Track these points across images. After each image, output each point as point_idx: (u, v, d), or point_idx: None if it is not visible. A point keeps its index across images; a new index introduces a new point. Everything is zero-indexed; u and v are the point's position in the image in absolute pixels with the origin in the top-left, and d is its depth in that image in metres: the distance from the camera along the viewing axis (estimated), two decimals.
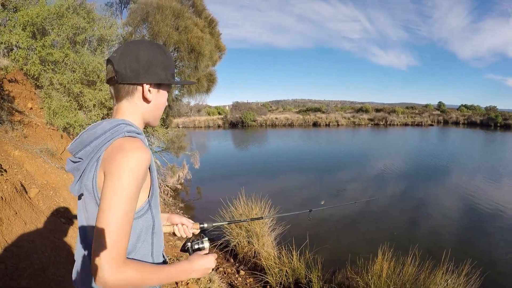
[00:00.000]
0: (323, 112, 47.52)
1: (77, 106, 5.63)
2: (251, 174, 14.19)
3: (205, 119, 36.53)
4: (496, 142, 29.98)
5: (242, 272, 5.69)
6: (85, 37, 6.34)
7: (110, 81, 1.17)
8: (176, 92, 8.76)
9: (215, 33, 9.53)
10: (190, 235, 1.61)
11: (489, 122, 43.40)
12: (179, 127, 14.43)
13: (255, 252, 5.92)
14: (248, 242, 6.04)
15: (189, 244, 1.41)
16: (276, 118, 40.51)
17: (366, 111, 49.60)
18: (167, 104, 1.40)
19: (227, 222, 2.24)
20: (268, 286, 5.22)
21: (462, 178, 14.28)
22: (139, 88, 1.17)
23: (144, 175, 1.07)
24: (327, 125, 42.06)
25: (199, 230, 1.68)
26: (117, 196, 0.99)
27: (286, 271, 5.21)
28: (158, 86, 1.23)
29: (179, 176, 11.13)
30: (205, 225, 1.72)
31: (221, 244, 6.24)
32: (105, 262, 0.95)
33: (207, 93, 9.54)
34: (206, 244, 1.41)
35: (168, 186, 9.85)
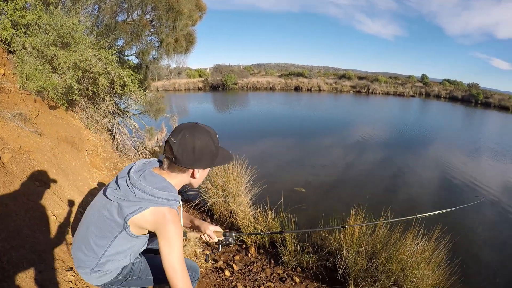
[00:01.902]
0: (306, 77, 47.18)
1: (51, 69, 5.41)
2: (230, 136, 14.08)
3: (186, 82, 35.77)
4: (476, 118, 30.91)
5: None
6: None
7: (168, 158, 1.54)
8: (154, 53, 8.45)
9: None
10: (215, 240, 2.13)
11: (470, 98, 44.37)
12: (158, 90, 14.08)
13: (231, 211, 5.97)
14: (225, 201, 6.06)
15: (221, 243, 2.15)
16: (257, 82, 40.10)
17: (349, 78, 49.61)
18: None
19: (247, 234, 3.03)
20: (244, 245, 5.30)
21: (440, 151, 14.65)
22: (190, 170, 1.57)
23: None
24: (309, 90, 42.08)
25: (222, 238, 2.15)
26: (172, 251, 1.44)
27: (261, 230, 5.27)
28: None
29: (157, 139, 10.96)
30: (227, 235, 2.17)
31: (198, 204, 6.24)
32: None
33: (186, 53, 9.22)
34: (231, 243, 2.14)
35: (146, 149, 9.71)
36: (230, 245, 2.13)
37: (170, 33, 7.72)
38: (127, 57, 8.28)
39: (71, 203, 3.97)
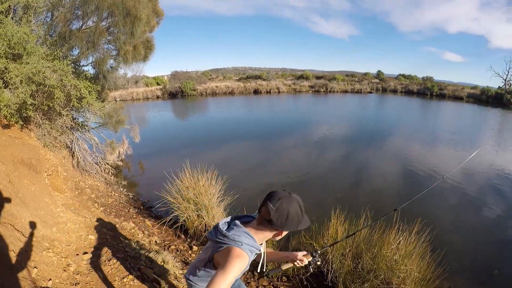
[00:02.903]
0: (264, 80, 47.16)
1: (2, 84, 4.94)
2: (194, 145, 13.86)
3: (143, 91, 34.50)
4: (432, 109, 32.63)
5: (195, 248, 5.52)
6: (9, 6, 5.51)
7: (263, 218, 1.83)
8: (111, 62, 8.00)
9: None
10: (306, 263, 2.30)
11: (425, 91, 47.04)
12: (116, 101, 13.52)
13: (205, 225, 5.75)
14: (198, 215, 5.81)
15: (310, 265, 2.31)
16: (216, 87, 39.54)
17: (307, 78, 50.40)
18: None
19: (329, 245, 2.82)
20: None
21: (400, 143, 15.28)
22: (278, 230, 1.86)
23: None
24: (268, 92, 42.17)
25: (311, 258, 2.30)
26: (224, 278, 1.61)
27: None
28: None
29: (119, 152, 10.49)
30: (314, 254, 2.32)
31: (170, 220, 5.95)
32: None
33: (145, 61, 8.83)
34: (319, 260, 2.31)
35: (108, 164, 9.21)
36: (318, 263, 2.31)
37: (128, 40, 7.33)
38: (83, 67, 7.80)
39: (34, 237, 3.52)
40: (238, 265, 1.68)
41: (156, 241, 5.44)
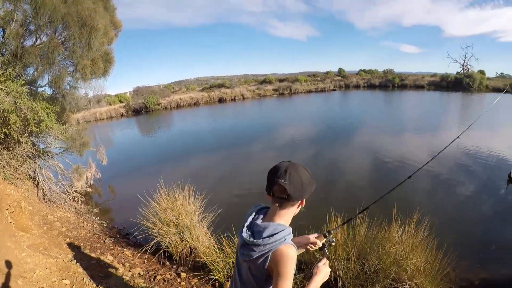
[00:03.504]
0: (228, 87, 46.89)
1: None
2: (164, 161, 13.37)
3: (107, 110, 32.99)
4: (395, 100, 34.08)
5: (183, 275, 4.93)
6: None
7: (280, 198, 1.66)
8: (69, 79, 7.30)
9: (109, 7, 8.13)
10: (320, 246, 2.19)
11: (387, 83, 48.89)
12: (79, 122, 12.70)
13: (191, 248, 5.24)
14: (181, 238, 5.29)
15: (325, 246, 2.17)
16: (180, 99, 38.74)
17: (270, 82, 50.56)
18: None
19: (342, 224, 2.86)
20: (217, 283, 4.61)
21: (369, 136, 15.58)
22: (299, 201, 1.74)
23: None
24: (233, 99, 41.95)
25: (324, 240, 2.18)
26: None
27: (233, 261, 4.55)
28: None
29: (87, 177, 9.74)
30: (327, 235, 2.19)
31: (152, 247, 5.31)
32: None
33: (105, 76, 8.14)
34: (333, 241, 2.18)
35: (77, 192, 8.48)
36: (333, 243, 2.18)
37: (85, 54, 6.70)
38: (39, 88, 7.10)
39: None
40: (291, 263, 1.60)
41: (139, 273, 4.84)
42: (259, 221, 1.75)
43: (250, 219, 1.81)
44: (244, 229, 1.75)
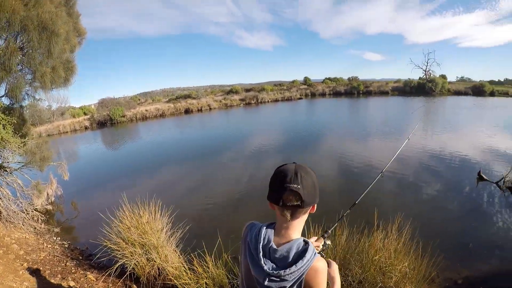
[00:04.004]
0: (194, 98, 46.73)
1: None
2: (129, 175, 12.80)
3: (70, 122, 31.62)
4: (361, 106, 35.07)
5: None
6: None
7: (293, 206, 1.44)
8: (28, 88, 6.72)
9: (73, 13, 7.63)
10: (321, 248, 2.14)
11: (352, 90, 50.40)
12: (41, 136, 11.93)
13: (159, 269, 4.80)
14: (147, 259, 4.83)
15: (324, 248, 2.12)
16: (146, 110, 37.90)
17: (237, 92, 50.94)
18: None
19: (338, 220, 2.73)
20: None
21: (334, 142, 15.87)
22: (311, 206, 1.50)
23: None
24: (200, 110, 41.64)
25: (323, 241, 2.17)
26: None
27: (206, 282, 4.25)
28: None
29: (48, 194, 9.08)
30: (325, 236, 2.23)
31: (116, 270, 4.81)
32: None
33: (66, 85, 7.55)
34: (328, 242, 2.17)
35: (37, 210, 7.84)
36: (328, 242, 2.15)
37: (45, 60, 6.19)
38: None
39: None
40: (325, 276, 1.49)
41: None
42: (273, 244, 1.48)
43: (260, 246, 1.50)
44: (261, 260, 1.45)
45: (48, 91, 7.14)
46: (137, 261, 4.76)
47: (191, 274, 4.37)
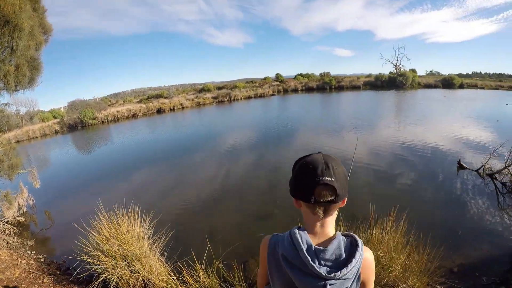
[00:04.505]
0: (166, 97, 45.91)
1: None
2: (104, 179, 12.25)
3: (40, 127, 30.09)
4: (333, 101, 35.51)
5: None
6: None
7: (324, 204, 1.28)
8: None
9: (38, 8, 7.01)
10: None
11: (324, 85, 51.05)
12: (11, 142, 11.20)
13: (144, 281, 4.43)
14: (131, 271, 4.44)
15: None
16: (117, 112, 36.75)
17: (209, 90, 50.28)
18: None
19: None
20: None
21: (308, 136, 16.02)
22: (343, 200, 1.33)
23: None
24: (172, 109, 41.04)
25: None
26: None
27: None
28: None
29: (19, 204, 8.49)
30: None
31: (98, 286, 4.39)
32: None
33: (32, 85, 6.91)
34: None
35: (8, 223, 7.26)
36: None
37: (7, 58, 5.63)
38: None
39: None
40: (374, 265, 1.39)
41: None
42: (317, 246, 1.29)
43: (305, 252, 1.27)
44: (315, 267, 1.23)
45: (13, 93, 6.57)
46: (120, 274, 4.36)
47: (180, 285, 4.03)
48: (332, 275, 1.21)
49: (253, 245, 5.75)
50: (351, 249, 1.30)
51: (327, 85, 50.10)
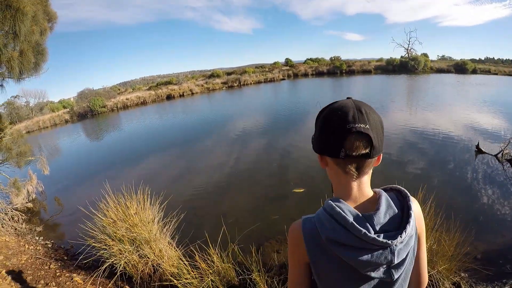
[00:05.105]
0: (175, 84, 45.67)
1: None
2: (114, 166, 12.17)
3: (50, 117, 30.42)
4: (344, 85, 34.75)
5: None
6: None
7: (358, 158, 1.04)
8: None
9: None
10: None
11: (335, 70, 49.96)
12: (19, 131, 11.21)
13: (153, 266, 4.25)
14: (140, 256, 4.27)
15: None
16: (127, 99, 36.81)
17: (218, 76, 49.85)
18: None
19: None
20: None
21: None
22: (377, 156, 1.08)
23: None
24: (182, 95, 40.86)
25: None
26: None
27: (211, 280, 3.71)
28: None
29: (28, 191, 8.50)
30: None
31: (105, 271, 4.26)
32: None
33: (37, 71, 6.79)
34: None
35: (17, 210, 7.26)
36: None
37: (10, 42, 5.52)
38: None
39: None
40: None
41: None
42: (362, 214, 1.04)
43: (354, 222, 0.99)
44: (376, 238, 0.96)
45: (18, 80, 6.48)
46: (127, 259, 4.22)
47: (193, 271, 3.82)
48: (398, 238, 0.98)
49: (267, 228, 5.68)
50: (402, 202, 1.10)
51: (337, 70, 49.12)
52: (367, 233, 0.96)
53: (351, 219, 0.99)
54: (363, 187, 1.10)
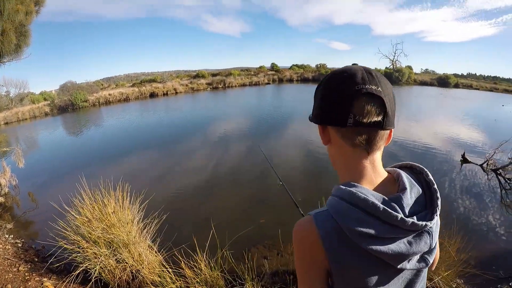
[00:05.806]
0: (160, 82, 45.04)
1: None
2: (94, 162, 11.63)
3: (30, 109, 29.22)
4: None
5: None
6: None
7: (370, 128, 0.86)
8: None
9: None
10: None
11: (320, 77, 50.18)
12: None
13: (132, 272, 3.90)
14: (117, 260, 3.92)
15: None
16: (109, 95, 35.86)
17: (203, 76, 49.50)
18: None
19: None
20: None
21: (301, 127, 15.60)
22: (389, 130, 0.92)
23: None
24: (165, 94, 40.29)
25: None
26: None
27: None
28: None
29: (0, 185, 8.04)
30: None
31: (79, 276, 3.89)
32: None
33: (18, 53, 6.45)
34: None
35: None
36: None
37: None
38: None
39: None
40: None
41: None
42: (381, 195, 0.85)
43: (379, 207, 0.80)
44: (407, 221, 0.80)
45: None
46: (103, 264, 3.84)
47: (177, 279, 3.50)
48: (435, 218, 0.85)
49: (254, 233, 5.48)
50: (419, 178, 0.97)
51: (322, 77, 49.45)
52: (404, 218, 0.81)
53: (381, 204, 0.81)
54: (377, 165, 0.94)
